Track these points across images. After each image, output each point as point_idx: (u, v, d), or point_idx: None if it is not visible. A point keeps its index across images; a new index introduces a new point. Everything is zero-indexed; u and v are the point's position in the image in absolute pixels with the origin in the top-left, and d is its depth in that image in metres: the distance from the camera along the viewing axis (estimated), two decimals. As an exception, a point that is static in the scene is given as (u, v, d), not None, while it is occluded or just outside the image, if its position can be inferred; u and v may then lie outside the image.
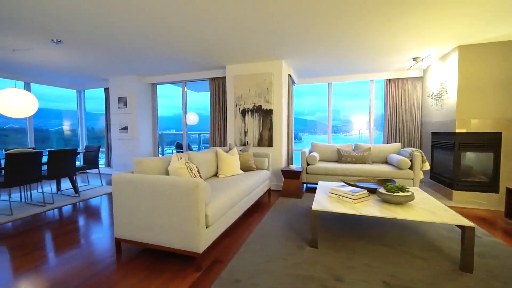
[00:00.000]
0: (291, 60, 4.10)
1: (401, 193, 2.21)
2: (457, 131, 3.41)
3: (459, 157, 3.46)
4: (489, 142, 3.31)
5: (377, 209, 2.14)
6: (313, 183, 4.14)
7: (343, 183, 2.99)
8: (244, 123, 4.37)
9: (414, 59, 3.88)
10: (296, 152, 5.09)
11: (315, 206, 2.21)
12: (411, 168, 3.70)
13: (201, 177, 2.35)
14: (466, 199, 3.45)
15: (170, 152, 7.15)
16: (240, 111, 4.38)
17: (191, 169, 2.16)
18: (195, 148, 7.21)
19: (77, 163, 4.90)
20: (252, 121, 4.32)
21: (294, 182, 3.82)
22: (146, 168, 2.17)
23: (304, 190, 4.33)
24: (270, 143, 4.25)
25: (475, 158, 3.48)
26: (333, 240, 2.31)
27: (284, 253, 2.08)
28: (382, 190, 2.33)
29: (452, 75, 3.52)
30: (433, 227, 2.59)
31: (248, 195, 2.80)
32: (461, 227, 1.82)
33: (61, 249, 2.22)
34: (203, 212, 1.83)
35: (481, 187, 3.41)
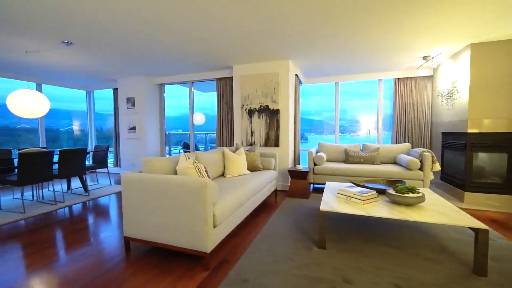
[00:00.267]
0: (298, 60, 4.07)
1: (411, 194, 2.17)
2: (469, 131, 3.33)
3: (471, 157, 3.37)
4: (503, 142, 3.22)
5: (386, 210, 2.11)
6: (320, 183, 4.10)
7: (351, 184, 2.96)
8: (251, 123, 4.37)
9: (424, 57, 3.81)
10: (302, 152, 5.06)
11: (323, 207, 2.19)
12: (420, 168, 3.63)
13: (209, 177, 2.36)
14: (478, 201, 3.36)
15: (177, 152, 7.21)
16: (247, 111, 4.38)
17: (199, 169, 2.17)
18: (201, 148, 7.26)
19: (87, 163, 4.99)
20: (259, 121, 4.32)
21: (301, 182, 3.80)
22: (154, 167, 2.19)
23: (311, 190, 4.30)
24: (276, 143, 4.23)
25: (488, 159, 3.38)
26: (341, 241, 2.29)
27: (291, 253, 2.07)
28: (391, 191, 2.30)
29: (464, 73, 3.44)
30: (444, 230, 2.54)
31: (255, 195, 2.80)
32: (474, 229, 1.77)
33: (71, 247, 2.26)
34: (211, 212, 1.83)
35: (494, 189, 3.31)
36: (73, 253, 2.14)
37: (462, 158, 3.51)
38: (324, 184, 4.22)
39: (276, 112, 4.19)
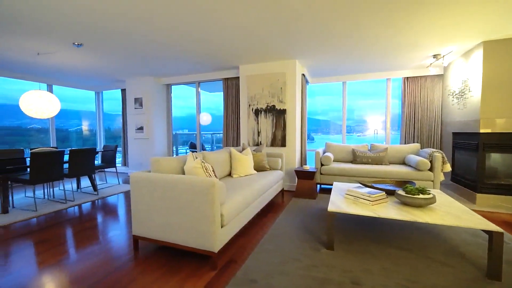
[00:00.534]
0: (305, 59, 4.05)
1: (421, 196, 2.13)
2: (481, 131, 3.24)
3: (484, 158, 3.29)
4: (516, 142, 3.13)
5: (395, 211, 2.07)
6: (327, 184, 4.07)
7: (359, 184, 2.92)
8: (257, 123, 4.37)
9: (435, 56, 3.73)
10: (309, 152, 5.03)
11: (331, 207, 2.17)
12: (430, 169, 3.56)
13: (216, 177, 2.37)
14: (491, 203, 3.28)
15: (183, 151, 7.26)
16: (253, 111, 4.38)
17: (206, 169, 2.18)
18: (208, 148, 7.29)
19: (96, 162, 5.07)
20: (265, 121, 4.31)
21: (308, 182, 3.78)
22: (162, 167, 2.20)
23: (318, 191, 4.27)
24: (283, 143, 4.22)
25: (500, 160, 3.29)
26: (349, 243, 2.26)
27: (299, 254, 2.06)
28: (401, 192, 2.26)
29: (476, 72, 3.35)
30: (455, 232, 2.48)
31: (262, 195, 2.79)
32: (488, 232, 1.73)
33: (81, 245, 2.30)
34: (218, 212, 1.84)
35: (507, 190, 3.22)
36: (83, 251, 2.17)
37: (474, 159, 3.43)
38: (331, 185, 4.19)
39: (283, 112, 4.18)
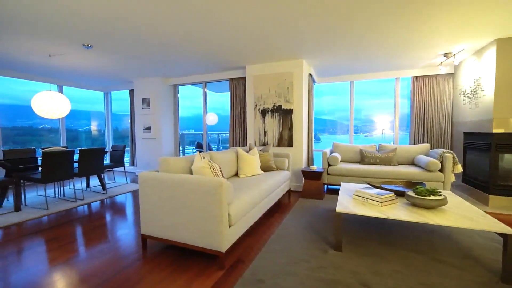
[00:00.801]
0: (312, 59, 4.02)
1: (432, 197, 2.09)
2: (494, 131, 3.16)
3: (497, 159, 3.20)
4: (531, 143, 3.03)
5: (405, 213, 2.04)
6: (335, 184, 4.03)
7: (367, 185, 2.88)
8: (264, 123, 4.36)
9: (445, 54, 3.65)
10: (315, 152, 4.99)
11: (339, 208, 2.14)
12: (441, 170, 3.49)
13: (223, 177, 2.37)
14: (504, 205, 3.19)
15: (190, 151, 7.31)
16: (260, 111, 4.37)
17: (214, 169, 2.18)
18: (214, 148, 7.32)
19: (105, 162, 5.14)
20: (272, 121, 4.30)
21: (315, 183, 3.75)
22: (171, 167, 2.22)
23: (325, 191, 4.23)
24: (290, 143, 4.20)
25: (514, 161, 3.20)
26: (357, 244, 2.23)
27: (307, 255, 2.04)
28: (411, 193, 2.22)
29: (489, 70, 3.27)
30: (467, 234, 2.42)
31: (269, 195, 2.78)
32: (503, 235, 1.68)
33: (91, 243, 2.34)
34: (226, 212, 1.84)
35: (522, 192, 3.13)
36: (92, 249, 2.20)
37: (486, 160, 3.34)
38: (339, 185, 4.15)
39: (290, 112, 4.16)
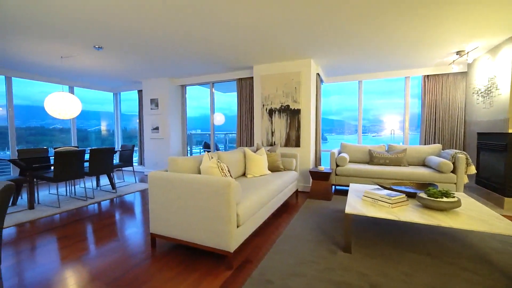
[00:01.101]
0: (320, 58, 3.99)
1: (445, 199, 2.03)
2: (510, 131, 3.06)
3: (512, 160, 3.10)
4: (550, 143, 2.92)
5: (417, 215, 1.99)
6: (343, 185, 3.98)
7: (377, 186, 2.84)
8: (271, 123, 4.35)
9: (458, 52, 3.56)
10: (323, 153, 4.94)
11: (349, 209, 2.11)
12: (453, 171, 3.40)
13: (231, 177, 2.37)
14: (521, 208, 3.08)
15: (197, 151, 7.36)
16: (267, 111, 4.36)
17: (222, 169, 2.19)
18: (221, 148, 7.35)
19: (114, 161, 5.23)
20: (279, 121, 4.28)
21: (323, 183, 3.71)
22: (179, 166, 2.23)
23: (333, 192, 4.18)
24: (297, 143, 4.17)
25: (531, 162, 3.09)
26: (366, 246, 2.19)
27: (315, 256, 2.02)
28: (422, 195, 2.17)
29: (504, 69, 3.16)
30: (482, 238, 2.35)
31: (277, 195, 2.77)
32: (521, 239, 1.62)
33: (101, 241, 2.38)
34: (234, 211, 1.84)
35: (539, 195, 3.02)
36: (102, 248, 2.24)
37: (501, 161, 3.24)
38: (346, 186, 4.10)
39: (297, 112, 4.13)
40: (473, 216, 1.95)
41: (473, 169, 3.36)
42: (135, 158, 6.82)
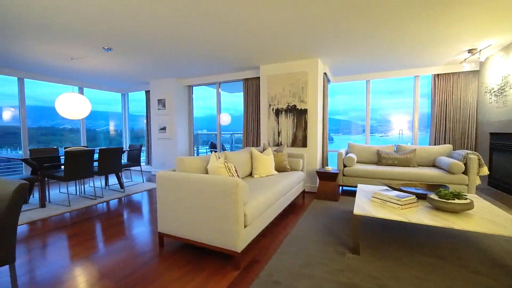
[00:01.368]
0: (327, 58, 3.95)
1: (457, 201, 1.98)
2: (524, 131, 2.97)
3: (527, 161, 3.01)
4: None
5: (428, 217, 1.95)
6: (350, 185, 3.93)
7: (385, 187, 2.79)
8: (278, 123, 4.33)
9: (470, 51, 3.48)
10: (330, 153, 4.90)
11: (357, 211, 2.09)
12: (465, 172, 3.32)
13: (239, 177, 2.37)
14: (536, 210, 2.99)
15: (203, 151, 7.40)
16: (274, 111, 4.35)
17: (229, 169, 2.19)
18: (227, 148, 7.36)
19: (122, 161, 5.30)
20: (286, 121, 4.26)
21: (330, 184, 3.68)
22: (187, 166, 2.24)
23: (340, 192, 4.14)
24: (304, 143, 4.14)
25: (547, 163, 2.99)
26: (375, 247, 2.16)
27: (323, 257, 2.00)
28: (433, 196, 2.12)
29: (518, 67, 3.08)
30: (494, 241, 2.28)
31: (284, 196, 2.76)
32: (538, 242, 1.56)
33: (110, 240, 2.41)
34: (242, 212, 1.83)
35: (555, 197, 2.92)
36: (111, 246, 2.27)
37: (515, 162, 3.15)
38: (354, 187, 4.05)
39: (304, 112, 4.10)
40: (487, 218, 1.90)
41: (485, 170, 3.27)
42: (143, 158, 6.90)
